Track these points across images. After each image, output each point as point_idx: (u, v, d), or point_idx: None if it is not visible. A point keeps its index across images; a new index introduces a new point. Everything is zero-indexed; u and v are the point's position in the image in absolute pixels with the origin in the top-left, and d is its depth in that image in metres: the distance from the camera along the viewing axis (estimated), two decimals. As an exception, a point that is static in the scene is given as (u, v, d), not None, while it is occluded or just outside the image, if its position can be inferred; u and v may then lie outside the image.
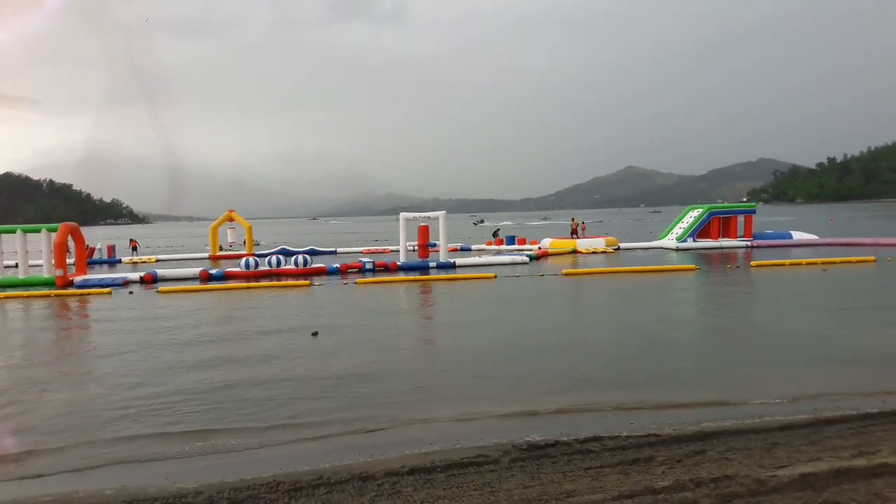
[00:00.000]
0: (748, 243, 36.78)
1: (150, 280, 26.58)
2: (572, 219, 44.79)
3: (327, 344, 13.05)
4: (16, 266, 29.13)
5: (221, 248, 42.61)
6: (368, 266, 28.36)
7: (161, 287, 24.31)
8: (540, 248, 36.58)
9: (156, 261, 38.68)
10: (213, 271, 27.82)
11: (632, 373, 10.17)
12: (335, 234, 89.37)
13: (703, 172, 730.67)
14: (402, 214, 31.60)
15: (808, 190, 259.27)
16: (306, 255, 29.53)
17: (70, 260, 28.54)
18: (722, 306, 17.23)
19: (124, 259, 39.66)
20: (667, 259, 31.17)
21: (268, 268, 28.03)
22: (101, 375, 11.07)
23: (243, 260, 28.31)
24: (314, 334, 14.07)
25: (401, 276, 25.98)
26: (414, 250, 32.87)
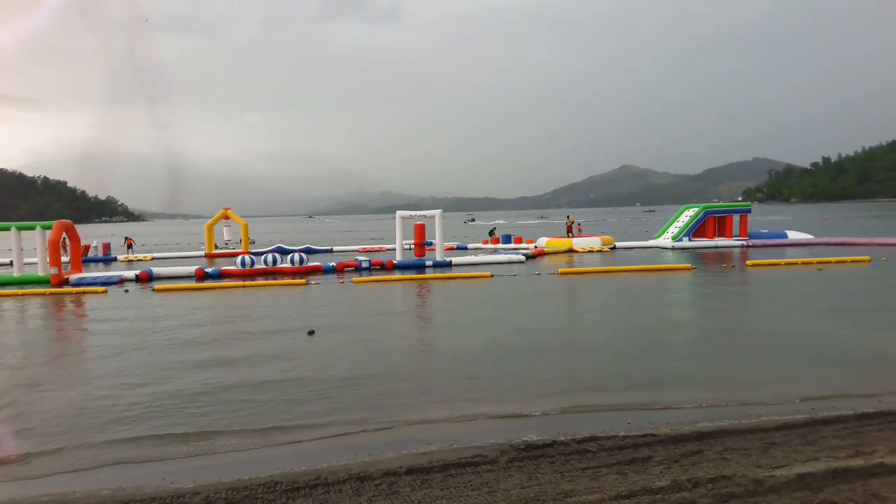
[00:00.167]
0: (743, 243, 36.87)
1: (146, 278, 26.52)
2: (567, 217, 44.79)
3: (324, 344, 13.03)
4: (10, 264, 29.06)
5: (217, 247, 42.52)
6: (365, 265, 28.35)
7: (157, 285, 24.26)
8: (536, 247, 36.60)
9: (151, 259, 38.58)
10: (209, 269, 27.77)
11: (628, 373, 10.18)
12: (331, 232, 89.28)
13: (699, 172, 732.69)
14: (398, 213, 31.59)
15: (802, 189, 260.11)
16: (302, 254, 29.49)
17: (65, 258, 28.44)
18: (718, 306, 17.25)
19: (120, 257, 39.55)
20: (662, 258, 31.22)
21: (264, 266, 28.00)
22: (98, 376, 11.03)
23: (239, 258, 28.28)
24: (310, 333, 14.06)
25: (397, 275, 25.97)
26: (410, 249, 32.87)
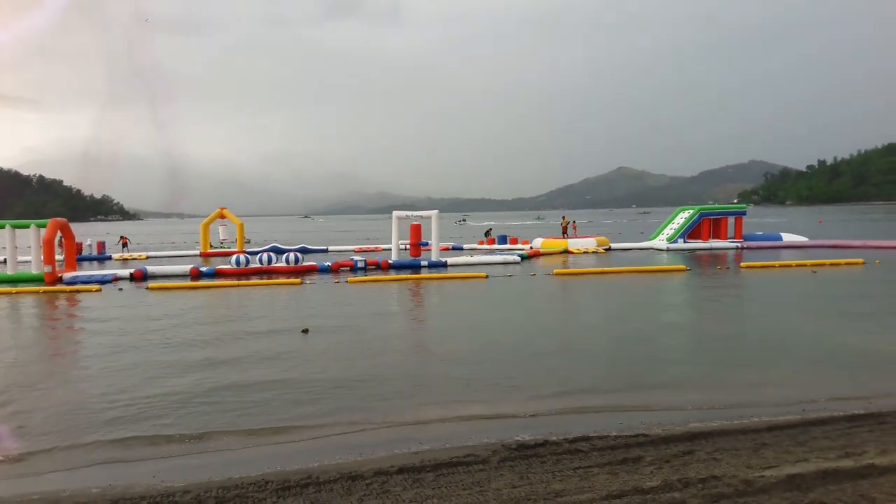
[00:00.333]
0: (738, 244, 36.95)
1: (140, 277, 26.46)
2: (563, 217, 44.81)
3: (319, 344, 13.01)
4: (4, 262, 28.97)
5: (212, 246, 42.45)
6: (360, 264, 28.34)
7: (151, 284, 24.21)
8: (532, 248, 36.63)
9: (146, 258, 38.49)
10: (204, 268, 27.72)
11: (622, 376, 10.20)
12: (327, 232, 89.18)
13: (695, 174, 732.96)
14: (394, 213, 31.59)
15: (798, 192, 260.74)
16: (297, 253, 29.47)
17: (59, 256, 28.35)
18: (712, 308, 17.30)
19: (115, 256, 39.46)
20: (657, 260, 31.28)
21: (259, 265, 27.96)
22: (91, 375, 10.99)
23: (234, 257, 28.25)
24: (304, 331, 14.06)
25: (392, 275, 25.96)
26: (406, 249, 32.87)
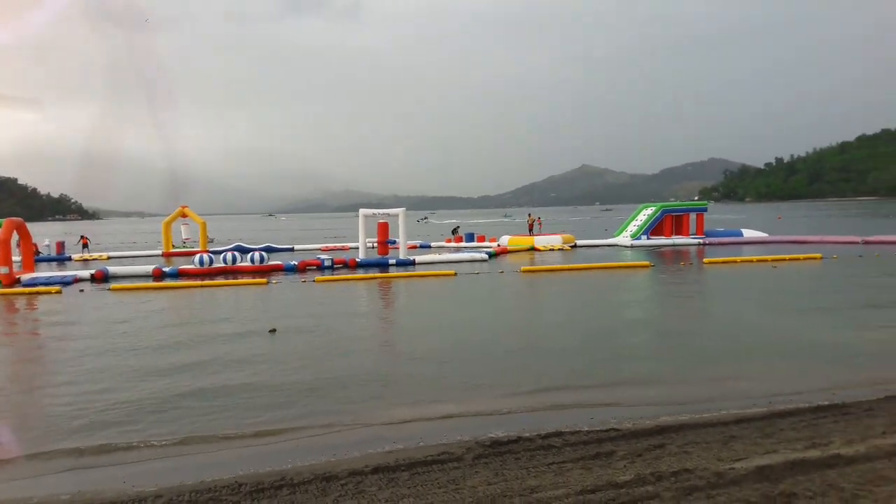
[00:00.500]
0: (700, 241, 37.63)
1: (101, 278, 25.87)
2: (529, 215, 45.14)
3: (288, 345, 12.85)
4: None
5: (174, 246, 41.71)
6: (327, 263, 28.12)
7: (113, 285, 23.69)
8: (499, 246, 36.80)
9: (108, 258, 37.65)
10: (167, 269, 27.23)
11: (590, 371, 10.31)
12: (292, 230, 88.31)
13: (656, 171, 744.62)
14: (361, 211, 31.45)
15: (756, 189, 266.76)
16: (263, 252, 29.11)
17: (16, 258, 27.56)
18: (677, 304, 17.59)
19: (74, 256, 38.51)
20: (622, 256, 31.67)
21: (223, 265, 27.56)
22: (56, 381, 10.70)
23: (197, 257, 27.78)
24: (272, 331, 13.91)
25: (360, 274, 25.84)
26: (373, 247, 32.73)
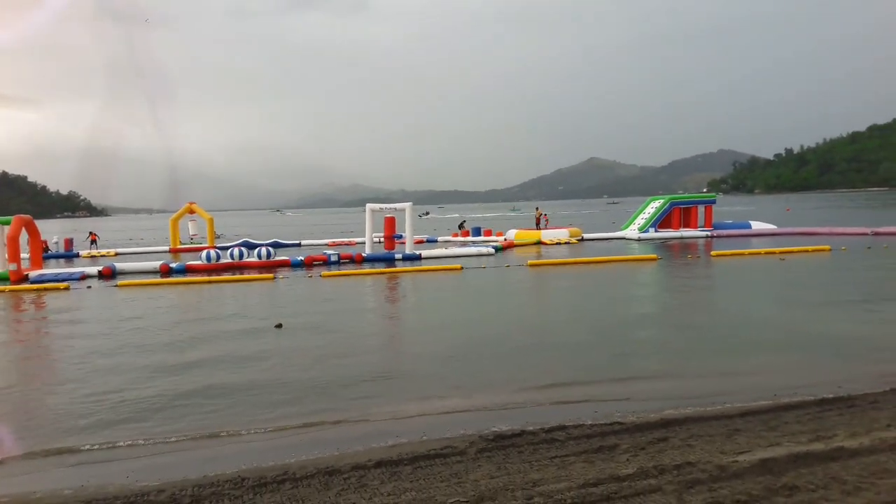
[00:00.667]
0: (708, 233, 37.45)
1: (109, 274, 26.00)
2: (536, 209, 45.09)
3: (294, 341, 12.87)
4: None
5: (182, 242, 41.87)
6: (334, 258, 28.15)
7: (120, 281, 23.80)
8: (506, 240, 36.75)
9: (115, 254, 37.85)
10: (174, 265, 27.33)
11: (595, 365, 10.28)
12: (300, 226, 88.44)
13: (665, 164, 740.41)
14: (368, 206, 31.40)
15: (766, 180, 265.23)
16: (269, 248, 29.16)
17: (24, 254, 27.72)
18: (684, 297, 17.53)
19: (82, 253, 38.73)
20: (629, 249, 31.56)
21: (230, 260, 27.63)
22: (59, 376, 10.79)
23: (204, 253, 27.85)
24: (278, 326, 13.95)
25: (367, 269, 25.86)
26: (380, 242, 32.74)
